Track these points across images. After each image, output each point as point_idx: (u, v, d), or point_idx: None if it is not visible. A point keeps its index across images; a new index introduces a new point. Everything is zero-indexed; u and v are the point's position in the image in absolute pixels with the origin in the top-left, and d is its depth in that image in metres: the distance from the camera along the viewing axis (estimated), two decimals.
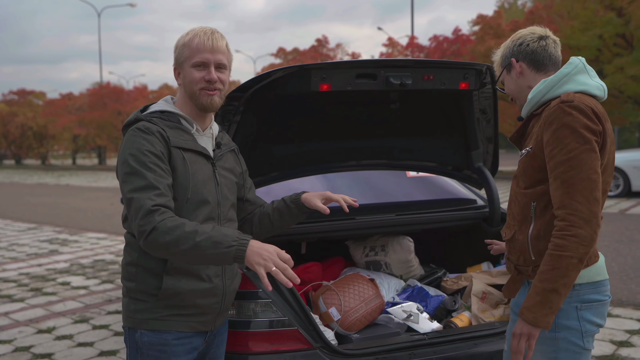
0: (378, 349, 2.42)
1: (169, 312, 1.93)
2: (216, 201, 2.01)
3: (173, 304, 1.93)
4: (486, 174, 3.20)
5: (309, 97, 2.78)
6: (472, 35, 20.83)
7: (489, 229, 3.17)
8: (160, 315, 1.93)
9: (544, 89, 2.00)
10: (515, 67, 2.10)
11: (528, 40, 2.09)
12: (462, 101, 3.07)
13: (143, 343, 1.94)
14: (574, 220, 1.80)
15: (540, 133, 1.93)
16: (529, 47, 2.08)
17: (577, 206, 1.79)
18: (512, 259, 2.10)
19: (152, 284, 1.91)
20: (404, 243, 3.20)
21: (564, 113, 1.85)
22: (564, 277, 1.81)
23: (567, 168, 1.82)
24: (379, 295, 2.78)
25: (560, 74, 1.99)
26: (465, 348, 2.50)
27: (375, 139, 3.19)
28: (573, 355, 1.95)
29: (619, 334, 4.66)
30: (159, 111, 2.03)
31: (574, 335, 1.94)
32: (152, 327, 1.93)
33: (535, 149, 1.95)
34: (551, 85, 1.98)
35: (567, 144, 1.83)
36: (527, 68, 2.09)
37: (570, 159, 1.82)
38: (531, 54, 2.08)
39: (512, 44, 2.13)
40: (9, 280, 7.00)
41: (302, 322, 2.36)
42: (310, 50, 30.49)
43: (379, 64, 2.64)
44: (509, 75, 2.14)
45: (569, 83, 1.97)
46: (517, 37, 2.14)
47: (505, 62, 2.14)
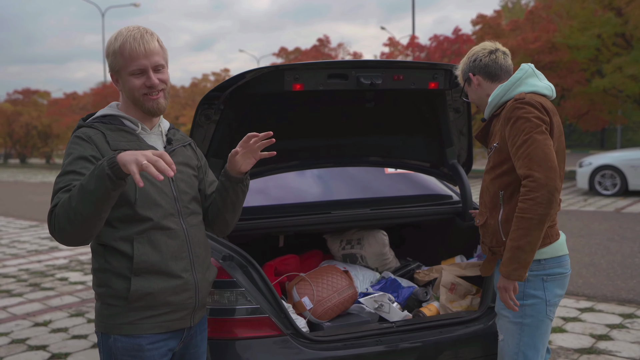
0: (346, 335, 2.55)
1: (142, 314, 1.90)
2: (172, 196, 1.98)
3: (145, 305, 1.90)
4: (459, 171, 3.32)
5: (287, 96, 2.90)
6: (473, 35, 20.88)
7: (462, 224, 3.29)
8: (133, 319, 1.90)
9: (500, 93, 2.34)
10: (474, 80, 2.47)
11: (480, 56, 2.46)
12: (435, 100, 3.19)
13: (117, 349, 1.90)
14: (532, 186, 2.10)
15: (502, 130, 2.27)
16: (482, 62, 2.44)
17: (535, 174, 2.09)
18: (485, 242, 2.41)
19: (122, 286, 1.87)
20: (378, 237, 3.32)
21: (518, 108, 2.21)
22: (527, 236, 2.11)
23: (525, 147, 2.14)
24: (352, 286, 2.90)
25: (514, 79, 2.34)
26: (431, 336, 2.62)
27: (353, 137, 3.31)
28: (536, 321, 2.29)
29: (600, 328, 4.76)
30: (101, 116, 2.03)
31: (539, 303, 2.28)
32: (126, 332, 1.90)
33: (501, 144, 2.29)
34: (506, 89, 2.32)
35: (522, 130, 2.17)
36: (483, 80, 2.46)
37: (526, 140, 2.14)
38: (485, 67, 2.44)
39: (468, 60, 2.50)
40: (9, 275, 7.15)
41: (274, 310, 2.49)
42: (312, 50, 30.58)
43: (350, 65, 2.77)
44: (470, 87, 2.52)
45: (521, 86, 2.31)
46: (472, 54, 2.51)
47: (464, 76, 2.53)
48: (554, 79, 18.27)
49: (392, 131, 3.36)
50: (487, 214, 2.36)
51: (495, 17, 20.08)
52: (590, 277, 6.45)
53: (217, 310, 2.47)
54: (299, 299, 2.78)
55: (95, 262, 1.95)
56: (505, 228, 2.27)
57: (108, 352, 1.92)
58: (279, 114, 3.06)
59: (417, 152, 3.45)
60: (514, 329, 2.31)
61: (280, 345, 2.43)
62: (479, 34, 20.12)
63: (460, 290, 2.91)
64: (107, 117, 2.01)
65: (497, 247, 2.34)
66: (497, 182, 2.31)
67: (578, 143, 41.75)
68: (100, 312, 1.94)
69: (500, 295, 2.25)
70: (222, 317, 2.45)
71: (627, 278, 6.35)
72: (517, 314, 2.29)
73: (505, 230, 2.27)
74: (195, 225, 2.04)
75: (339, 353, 2.48)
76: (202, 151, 2.93)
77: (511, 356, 2.33)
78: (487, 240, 2.40)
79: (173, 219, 1.96)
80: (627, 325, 4.83)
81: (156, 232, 1.90)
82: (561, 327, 4.80)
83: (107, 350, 1.93)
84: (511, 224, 2.21)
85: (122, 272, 1.87)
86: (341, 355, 2.48)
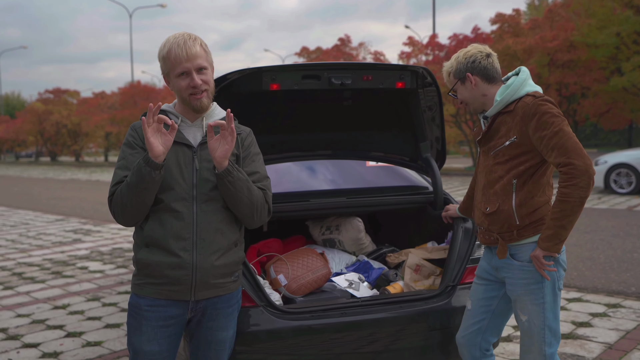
0: (314, 308, 2.86)
1: (145, 280, 2.22)
2: (192, 183, 2.19)
3: (147, 273, 2.21)
4: (432, 163, 3.60)
5: (272, 95, 3.21)
6: (492, 34, 20.93)
7: (433, 212, 3.58)
8: (140, 282, 2.24)
9: (510, 92, 2.57)
10: (471, 80, 2.64)
11: (479, 58, 2.67)
12: (408, 98, 3.47)
13: (129, 304, 2.28)
14: (574, 173, 2.34)
15: (522, 125, 2.49)
16: (480, 64, 2.66)
17: (575, 162, 2.35)
18: (494, 229, 2.65)
19: (137, 255, 2.25)
20: (354, 223, 3.64)
21: (541, 104, 2.46)
22: (569, 216, 2.39)
23: (557, 139, 2.39)
24: (326, 266, 3.21)
25: (520, 80, 2.60)
26: (391, 310, 2.92)
27: (333, 132, 3.62)
28: (554, 297, 2.58)
29: (583, 317, 4.98)
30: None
31: (554, 281, 2.57)
32: (134, 291, 2.26)
33: (520, 138, 2.51)
34: (515, 89, 2.58)
35: (551, 123, 2.41)
36: (480, 81, 2.67)
37: (557, 132, 2.39)
38: (484, 69, 2.66)
39: (465, 60, 2.66)
40: (33, 264, 7.62)
41: (251, 285, 2.81)
42: (333, 50, 30.88)
43: (322, 67, 3.08)
44: (463, 85, 2.68)
45: (526, 87, 2.59)
46: (469, 55, 2.67)
47: (459, 74, 2.68)
48: (572, 77, 18.30)
49: (371, 127, 3.66)
50: (499, 201, 2.58)
51: (514, 15, 20.11)
52: (586, 270, 6.64)
53: None
54: (275, 276, 3.11)
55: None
56: (519, 212, 2.53)
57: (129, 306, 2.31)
58: (263, 111, 3.38)
59: (394, 147, 3.74)
60: (537, 309, 2.57)
61: (255, 315, 2.75)
62: (498, 33, 20.18)
63: (425, 272, 3.20)
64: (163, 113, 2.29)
65: (508, 232, 2.58)
66: (512, 172, 2.55)
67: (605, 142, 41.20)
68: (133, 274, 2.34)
69: (537, 264, 2.50)
70: None
71: (622, 271, 6.53)
72: (538, 296, 2.56)
73: (520, 214, 2.53)
74: (210, 212, 2.20)
75: (306, 323, 2.79)
76: None
77: (539, 332, 2.59)
78: (497, 226, 2.60)
79: (184, 203, 2.18)
80: (610, 314, 5.04)
81: (165, 212, 2.17)
82: None
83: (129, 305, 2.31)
84: (525, 208, 2.52)
85: (139, 243, 2.25)
86: (308, 324, 2.79)
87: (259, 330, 2.73)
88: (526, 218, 2.56)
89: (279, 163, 3.65)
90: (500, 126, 2.61)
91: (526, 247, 2.59)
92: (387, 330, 2.90)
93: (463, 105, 2.79)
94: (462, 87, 2.68)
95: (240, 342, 2.72)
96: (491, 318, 2.78)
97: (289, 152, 3.59)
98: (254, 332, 2.73)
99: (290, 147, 3.59)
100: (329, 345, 2.83)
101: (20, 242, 9.39)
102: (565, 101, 19.90)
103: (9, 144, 54.56)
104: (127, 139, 2.29)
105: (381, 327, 2.88)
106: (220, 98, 3.09)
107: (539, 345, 2.63)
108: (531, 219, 2.57)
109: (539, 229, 2.57)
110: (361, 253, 3.72)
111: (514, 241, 2.60)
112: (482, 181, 2.72)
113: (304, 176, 3.83)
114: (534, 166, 2.54)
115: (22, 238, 9.84)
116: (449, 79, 2.75)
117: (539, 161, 2.54)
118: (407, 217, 3.94)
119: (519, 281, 2.61)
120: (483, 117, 2.73)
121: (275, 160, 3.54)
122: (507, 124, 2.57)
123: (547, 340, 2.62)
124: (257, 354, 2.75)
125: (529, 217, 2.56)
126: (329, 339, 2.82)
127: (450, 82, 2.74)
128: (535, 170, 2.56)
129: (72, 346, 4.49)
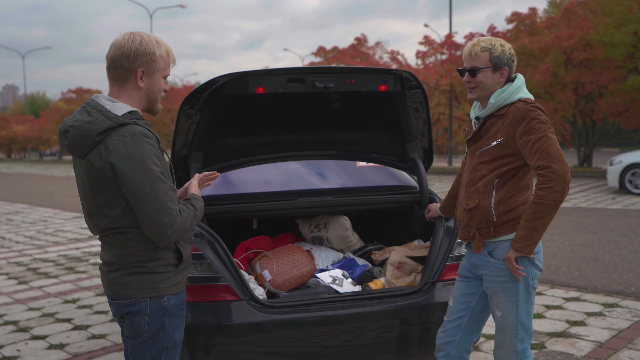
0: (296, 302, 2.99)
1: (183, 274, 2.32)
2: None
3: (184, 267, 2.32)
4: (418, 164, 3.71)
5: (260, 97, 3.34)
6: (508, 33, 20.82)
7: (419, 211, 3.68)
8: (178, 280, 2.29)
9: (504, 96, 2.66)
10: (504, 75, 2.70)
11: (514, 58, 2.72)
12: (395, 101, 3.58)
13: (170, 306, 2.24)
14: (551, 177, 2.45)
15: (510, 128, 2.59)
16: (514, 64, 2.76)
17: (553, 166, 2.46)
18: (472, 224, 2.76)
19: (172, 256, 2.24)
20: (341, 221, 3.76)
21: (531, 111, 2.57)
22: (542, 219, 2.49)
23: (541, 143, 2.49)
24: (311, 263, 3.33)
25: (515, 86, 2.71)
26: (371, 305, 3.03)
27: (322, 133, 3.74)
28: (527, 295, 2.69)
29: (578, 315, 5.03)
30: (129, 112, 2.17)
31: (528, 279, 2.67)
32: (175, 291, 2.27)
33: (506, 140, 2.61)
34: (510, 93, 2.68)
35: (537, 129, 2.52)
36: (505, 77, 2.73)
37: (541, 137, 2.50)
38: (512, 70, 2.75)
39: (510, 55, 2.70)
40: (48, 260, 7.87)
41: (235, 279, 2.95)
42: (350, 49, 30.94)
43: (307, 71, 3.20)
44: (493, 73, 2.69)
45: (520, 93, 2.69)
46: (512, 52, 2.72)
47: (499, 63, 2.67)
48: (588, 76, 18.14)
49: (360, 129, 3.77)
50: (479, 197, 2.69)
51: (530, 14, 19.99)
52: (588, 270, 6.67)
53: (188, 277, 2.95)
54: (260, 271, 3.24)
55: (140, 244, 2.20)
56: (497, 209, 2.64)
57: (162, 311, 2.23)
58: (254, 113, 3.52)
59: (382, 147, 3.85)
60: (510, 306, 2.68)
61: (237, 308, 2.89)
62: (514, 32, 20.07)
63: (407, 269, 3.31)
64: (135, 113, 2.19)
65: (485, 228, 2.69)
66: (495, 171, 2.65)
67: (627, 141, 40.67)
68: (149, 280, 2.22)
69: (510, 266, 2.61)
70: (192, 284, 2.93)
71: (624, 272, 6.54)
72: (512, 293, 2.67)
73: (497, 211, 2.64)
74: None
75: (287, 317, 2.92)
76: (186, 146, 3.42)
77: (512, 328, 2.71)
78: (475, 222, 2.71)
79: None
80: (606, 313, 5.09)
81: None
82: (541, 314, 5.08)
83: (159, 311, 2.23)
84: (502, 205, 2.63)
85: (170, 244, 2.23)
86: (289, 318, 2.92)
87: (241, 323, 2.87)
88: (503, 216, 2.67)
89: (270, 163, 3.78)
90: (490, 128, 2.71)
91: (502, 245, 2.69)
92: (367, 324, 3.01)
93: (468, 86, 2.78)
94: (490, 74, 2.68)
95: (223, 334, 2.87)
96: (471, 315, 2.88)
97: (279, 153, 3.71)
98: (237, 324, 2.87)
99: (280, 148, 3.71)
100: (310, 338, 2.95)
101: (37, 239, 9.67)
102: (583, 100, 19.71)
103: (34, 142, 55.56)
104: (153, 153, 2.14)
105: (360, 321, 3.00)
106: (209, 102, 3.24)
107: (511, 340, 2.74)
108: (508, 217, 2.67)
109: (515, 227, 2.67)
110: (348, 250, 3.83)
111: (491, 237, 2.71)
112: (466, 179, 2.83)
113: (294, 176, 3.96)
114: (516, 168, 2.65)
115: (40, 235, 10.13)
116: (480, 55, 2.66)
117: (522, 164, 2.64)
118: (395, 216, 4.04)
119: (494, 278, 2.72)
120: (475, 118, 2.83)
121: (265, 160, 3.67)
122: (496, 126, 2.68)
123: (520, 336, 2.73)
124: (239, 345, 2.89)
125: (506, 215, 2.67)
126: (309, 332, 2.95)
127: (481, 61, 2.66)
128: (517, 172, 2.67)
129: (77, 338, 4.68)
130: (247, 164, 3.62)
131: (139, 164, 2.06)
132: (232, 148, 3.59)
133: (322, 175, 4.04)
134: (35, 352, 4.41)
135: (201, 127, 3.34)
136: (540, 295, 5.65)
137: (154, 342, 2.24)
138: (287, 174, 3.96)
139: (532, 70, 19.34)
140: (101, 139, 2.10)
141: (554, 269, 6.73)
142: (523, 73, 19.24)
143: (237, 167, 3.59)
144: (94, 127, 2.10)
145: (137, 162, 2.06)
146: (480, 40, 2.71)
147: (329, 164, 4.10)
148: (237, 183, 3.80)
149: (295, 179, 3.93)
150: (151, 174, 2.07)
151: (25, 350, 4.46)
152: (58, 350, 4.43)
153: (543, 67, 18.46)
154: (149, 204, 2.07)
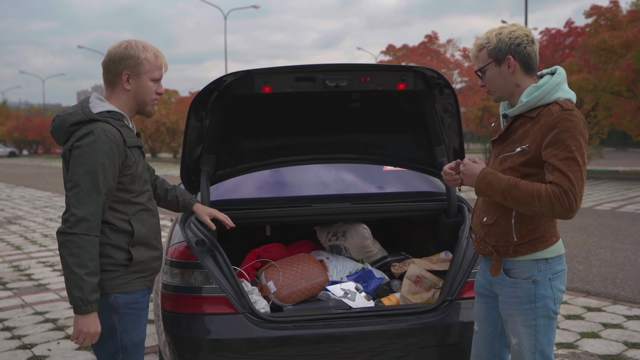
0: (297, 318, 2.77)
1: (134, 276, 2.34)
2: (149, 182, 2.47)
3: (138, 270, 2.34)
4: None
5: (273, 97, 3.14)
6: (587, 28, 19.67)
7: (447, 221, 3.37)
8: (129, 280, 2.32)
9: (539, 95, 2.27)
10: (510, 65, 2.31)
11: (525, 42, 2.32)
12: (421, 100, 3.29)
13: (119, 304, 2.30)
14: (558, 197, 2.14)
15: (539, 135, 2.22)
16: (525, 50, 2.32)
17: (570, 194, 2.14)
18: (490, 241, 2.40)
19: (122, 256, 2.29)
20: (359, 230, 3.50)
21: (566, 120, 2.18)
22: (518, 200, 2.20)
23: (566, 167, 2.15)
24: (323, 274, 3.11)
25: (553, 83, 2.29)
26: (379, 324, 2.77)
27: (342, 135, 3.50)
28: (548, 320, 2.34)
29: (639, 337, 4.56)
30: (107, 111, 2.30)
31: (549, 303, 2.33)
32: (121, 290, 2.31)
33: (531, 148, 2.25)
34: (545, 92, 2.27)
35: (567, 146, 2.16)
36: (519, 68, 2.33)
37: (569, 159, 2.16)
38: (527, 57, 2.33)
39: (509, 40, 2.30)
40: None
41: (234, 291, 2.77)
42: (420, 47, 30.26)
43: (316, 68, 2.97)
44: (498, 68, 2.33)
45: (559, 91, 2.28)
46: (514, 35, 2.31)
47: (498, 54, 2.31)
48: None
49: (383, 130, 3.51)
50: (497, 213, 2.34)
51: (611, 7, 18.79)
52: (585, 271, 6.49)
53: (183, 287, 2.80)
54: (265, 282, 3.05)
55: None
56: (518, 228, 2.30)
57: (110, 309, 2.30)
58: (267, 113, 3.33)
59: (407, 150, 3.56)
60: (528, 332, 2.34)
61: (233, 322, 2.72)
62: (593, 27, 18.94)
63: (426, 283, 3.02)
64: (114, 114, 2.32)
65: (504, 247, 2.34)
66: None
67: None
68: None
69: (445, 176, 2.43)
70: (186, 294, 2.78)
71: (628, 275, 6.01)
72: (530, 317, 2.32)
73: (518, 230, 2.29)
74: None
75: (287, 333, 2.71)
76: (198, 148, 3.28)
77: (529, 357, 2.36)
78: (493, 239, 2.37)
79: (153, 201, 2.47)
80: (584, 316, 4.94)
81: (144, 212, 2.38)
82: (596, 333, 4.66)
83: (106, 308, 2.29)
84: (524, 224, 2.29)
85: (121, 245, 2.30)
86: (288, 335, 2.71)
87: (236, 339, 2.69)
88: (525, 236, 2.32)
89: (286, 166, 3.58)
90: (518, 129, 2.33)
91: (522, 265, 2.36)
92: (372, 345, 2.76)
93: (485, 90, 2.45)
94: (496, 69, 2.33)
95: (216, 349, 2.70)
96: (501, 339, 2.56)
97: (296, 156, 3.51)
98: (230, 340, 2.70)
99: (296, 150, 3.51)
100: (311, 357, 2.73)
101: None
102: None
103: None
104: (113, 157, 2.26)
105: (366, 341, 2.75)
106: (218, 102, 3.08)
107: None
108: (530, 236, 2.33)
109: (538, 247, 2.33)
110: (368, 261, 3.57)
111: (509, 257, 2.37)
112: None
113: (309, 180, 3.74)
114: (538, 181, 2.26)
115: None
116: (479, 55, 2.37)
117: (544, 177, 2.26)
118: (421, 225, 3.74)
119: (510, 299, 2.39)
120: (503, 116, 2.46)
121: (281, 163, 3.48)
122: (525, 128, 2.30)
123: None
124: None
125: (529, 235, 2.33)
126: (310, 351, 2.73)
127: (481, 60, 2.37)
128: None
129: None
130: (261, 167, 3.44)
131: (84, 156, 2.18)
132: (245, 150, 3.42)
133: (340, 180, 3.79)
134: (65, 353, 4.42)
135: (212, 129, 3.18)
136: (600, 311, 5.17)
137: (106, 341, 2.30)
138: (303, 178, 3.74)
139: (613, 67, 18.14)
140: (74, 130, 2.26)
141: (619, 282, 6.17)
142: (602, 70, 18.13)
143: (251, 171, 3.41)
144: (70, 119, 2.27)
145: (85, 153, 2.18)
146: (477, 39, 2.39)
147: (349, 168, 3.85)
148: (249, 187, 3.62)
149: (311, 183, 3.71)
150: (90, 171, 2.17)
151: (56, 350, 4.48)
152: (86, 352, 4.42)
153: (625, 64, 17.26)
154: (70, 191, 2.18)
